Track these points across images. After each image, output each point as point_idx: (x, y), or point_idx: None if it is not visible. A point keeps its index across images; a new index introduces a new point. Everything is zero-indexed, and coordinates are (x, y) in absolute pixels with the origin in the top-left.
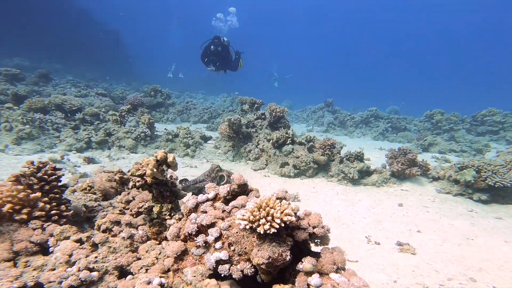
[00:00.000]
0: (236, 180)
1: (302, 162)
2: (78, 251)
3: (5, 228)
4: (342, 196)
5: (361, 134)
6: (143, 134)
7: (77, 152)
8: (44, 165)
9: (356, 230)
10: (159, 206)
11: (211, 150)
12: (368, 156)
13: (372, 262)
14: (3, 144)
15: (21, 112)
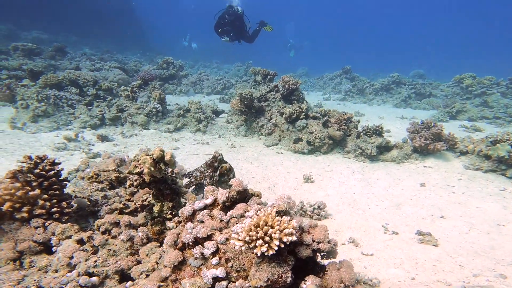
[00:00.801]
0: (235, 187)
1: (317, 138)
2: (78, 254)
3: (7, 227)
4: (358, 175)
5: (382, 101)
6: (155, 110)
7: (92, 129)
8: (41, 160)
9: (373, 217)
10: (160, 204)
11: (223, 125)
12: (389, 126)
13: (388, 256)
14: (21, 121)
15: (36, 90)
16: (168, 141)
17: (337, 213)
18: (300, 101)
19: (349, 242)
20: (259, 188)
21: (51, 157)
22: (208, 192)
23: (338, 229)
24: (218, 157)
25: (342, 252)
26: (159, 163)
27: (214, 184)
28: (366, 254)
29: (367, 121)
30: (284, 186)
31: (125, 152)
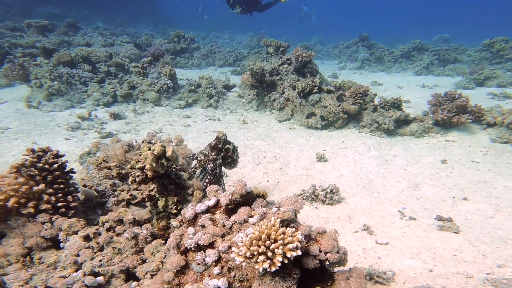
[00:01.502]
0: (238, 190)
1: (331, 113)
2: (84, 252)
3: (14, 223)
4: (374, 152)
5: (401, 69)
6: (166, 86)
7: (104, 107)
8: (45, 153)
9: (389, 200)
10: (164, 199)
11: (235, 99)
12: (408, 96)
13: (404, 245)
14: (37, 100)
15: (48, 69)
16: (179, 118)
17: (350, 196)
18: (313, 74)
19: (363, 230)
20: (270, 168)
21: (54, 149)
22: (211, 192)
23: (351, 215)
24: (221, 137)
25: (355, 241)
26: (161, 158)
27: (217, 168)
28: (381, 243)
29: (384, 91)
30: (296, 166)
31: (136, 131)
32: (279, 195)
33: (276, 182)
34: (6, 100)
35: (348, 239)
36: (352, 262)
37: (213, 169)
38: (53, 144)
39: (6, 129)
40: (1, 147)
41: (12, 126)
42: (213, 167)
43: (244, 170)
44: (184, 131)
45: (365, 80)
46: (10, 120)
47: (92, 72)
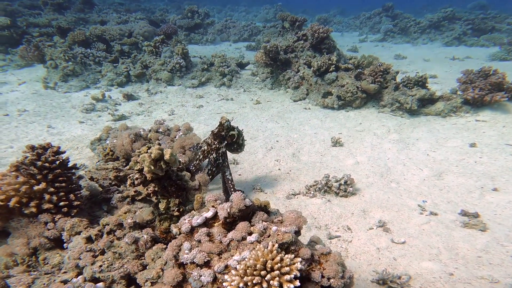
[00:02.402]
0: (235, 205)
1: (348, 92)
2: (85, 255)
3: (17, 223)
4: (394, 134)
5: (428, 40)
6: (178, 65)
7: (119, 87)
8: (44, 150)
9: (408, 191)
10: (165, 201)
11: (249, 77)
12: (435, 70)
13: (423, 244)
14: (53, 81)
15: (62, 49)
16: (192, 98)
17: (366, 187)
18: (330, 50)
19: (378, 227)
20: (283, 155)
21: (55, 145)
22: (210, 202)
23: (366, 209)
24: (225, 124)
25: (369, 240)
26: (160, 161)
27: (220, 158)
28: (397, 242)
29: (408, 65)
30: (310, 151)
31: (149, 112)
32: (290, 186)
33: (288, 170)
34: (25, 80)
35: (361, 237)
36: (364, 263)
37: (216, 159)
38: (68, 128)
39: (23, 112)
40: (18, 131)
41: (29, 109)
42: (216, 157)
43: (256, 157)
44: (196, 112)
45: (387, 53)
46: (28, 102)
47: (106, 51)
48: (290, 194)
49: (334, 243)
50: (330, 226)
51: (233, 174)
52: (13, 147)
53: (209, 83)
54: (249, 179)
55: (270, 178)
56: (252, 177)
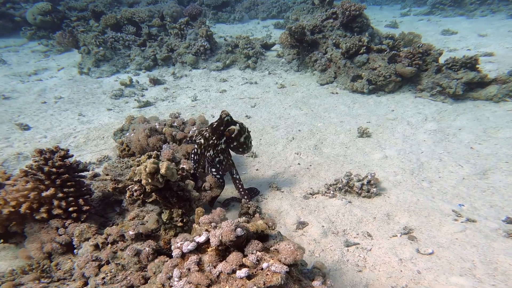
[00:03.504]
0: (225, 236)
1: (380, 76)
2: (90, 265)
3: (30, 229)
4: (432, 123)
5: (489, 11)
6: (203, 48)
7: (146, 71)
8: (52, 154)
9: (443, 193)
10: (168, 212)
11: (274, 59)
12: (492, 47)
13: (455, 256)
14: (87, 67)
15: (94, 35)
16: (215, 82)
17: (393, 187)
18: (363, 29)
19: (403, 234)
20: (304, 146)
21: (63, 149)
22: (204, 224)
23: (391, 213)
24: (224, 118)
25: (391, 249)
26: (156, 174)
27: (219, 155)
28: (423, 252)
29: (458, 41)
30: (334, 143)
31: (174, 98)
32: (309, 183)
33: (308, 164)
34: (63, 66)
35: (382, 245)
36: (383, 276)
37: (214, 156)
38: (97, 116)
39: (59, 99)
40: (53, 120)
41: (64, 96)
42: (213, 154)
43: (275, 148)
44: (219, 97)
45: (433, 28)
46: (64, 88)
47: (135, 34)
48: (308, 193)
49: (351, 252)
50: (349, 231)
51: (251, 169)
52: (46, 137)
53: (234, 65)
54: (267, 175)
55: (288, 173)
56: (270, 173)
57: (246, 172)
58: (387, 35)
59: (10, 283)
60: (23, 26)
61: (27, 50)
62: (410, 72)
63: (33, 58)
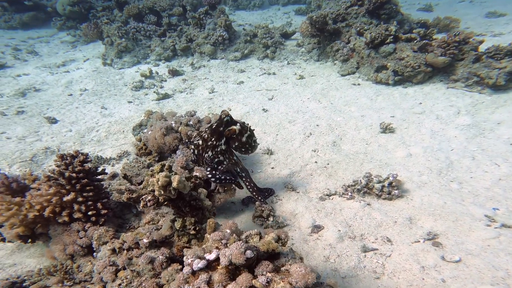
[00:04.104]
0: (234, 259)
1: (408, 67)
2: (108, 270)
3: (54, 231)
4: (465, 117)
5: None
6: (221, 38)
7: (166, 61)
8: (73, 158)
9: (474, 195)
10: (181, 220)
11: (293, 49)
12: None
13: (485, 264)
14: (110, 58)
15: (117, 26)
16: (233, 73)
17: (417, 188)
18: (392, 16)
19: (427, 239)
20: (322, 143)
21: (83, 153)
22: (214, 242)
23: (413, 216)
24: (224, 118)
25: (413, 255)
26: (169, 186)
27: (219, 156)
28: (449, 260)
29: (505, 25)
30: (354, 139)
31: (191, 89)
32: (326, 183)
33: (325, 163)
34: (89, 57)
35: (403, 251)
36: (403, 284)
37: (212, 158)
38: (118, 108)
39: (84, 91)
40: (78, 113)
41: (89, 88)
42: (212, 156)
43: (292, 145)
44: (236, 89)
45: (476, 10)
46: (88, 80)
47: (156, 24)
48: (325, 195)
49: (368, 257)
50: (367, 236)
51: (266, 167)
52: (72, 130)
53: (252, 55)
54: (282, 174)
55: (305, 172)
56: (285, 172)
57: (261, 171)
58: (418, 21)
59: (37, 285)
60: (54, 16)
61: (57, 41)
62: (443, 63)
63: (62, 49)
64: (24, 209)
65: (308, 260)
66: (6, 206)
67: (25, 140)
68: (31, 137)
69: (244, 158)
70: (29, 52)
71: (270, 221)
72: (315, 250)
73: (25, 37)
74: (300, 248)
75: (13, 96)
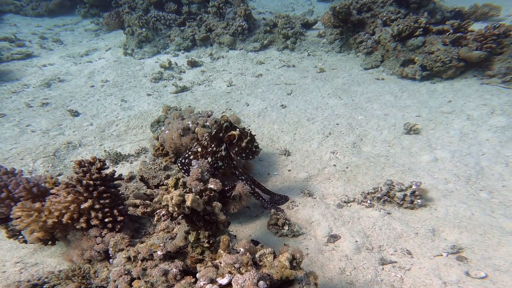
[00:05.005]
0: None
1: (438, 61)
2: (122, 279)
3: (72, 236)
4: (500, 117)
5: None
6: (240, 28)
7: (185, 51)
8: (90, 166)
9: (505, 205)
10: (195, 233)
11: (315, 39)
12: None
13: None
14: (131, 48)
15: (137, 15)
16: (252, 65)
17: (442, 198)
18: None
19: (451, 253)
20: (341, 144)
21: (100, 160)
22: (227, 266)
23: (437, 228)
24: (223, 124)
25: (434, 270)
26: (183, 203)
27: (218, 162)
28: (474, 276)
29: None
30: (375, 140)
31: (210, 81)
32: (344, 189)
33: (344, 166)
34: (111, 46)
35: (424, 265)
36: None
37: (212, 164)
38: (137, 101)
39: (105, 82)
40: (99, 105)
41: (110, 79)
42: (211, 162)
43: (310, 146)
44: (255, 82)
45: None
46: (110, 71)
47: (176, 12)
48: (343, 201)
49: (386, 271)
50: (385, 247)
51: (283, 169)
52: (93, 124)
53: (272, 46)
54: (299, 178)
55: (322, 176)
56: (302, 175)
57: (278, 173)
58: (452, 9)
59: None
60: (78, 4)
61: (81, 29)
62: (478, 57)
63: (86, 37)
64: (44, 216)
65: (323, 272)
66: (27, 213)
67: (48, 134)
68: (54, 130)
69: (261, 159)
70: (55, 41)
71: (285, 230)
72: (331, 262)
73: (51, 25)
74: (315, 259)
75: (39, 87)
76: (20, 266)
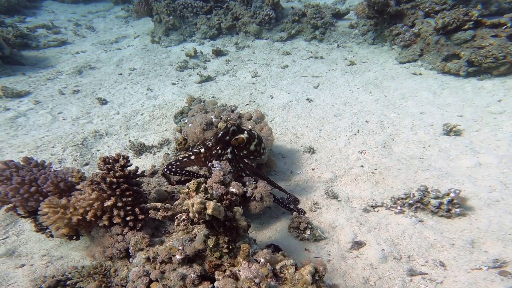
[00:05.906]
0: None
1: (488, 57)
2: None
3: (96, 233)
4: None
5: None
6: (267, 17)
7: (211, 40)
8: (115, 162)
9: None
10: (215, 238)
11: (345, 30)
12: None
13: None
14: (158, 35)
15: (166, 3)
16: (278, 55)
17: (485, 207)
18: None
19: (492, 267)
20: (370, 143)
21: (124, 156)
22: (247, 279)
23: (476, 240)
24: (230, 128)
25: (471, 285)
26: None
27: None
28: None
29: None
30: (409, 140)
31: (234, 71)
32: (371, 192)
33: (373, 168)
34: (139, 34)
35: (459, 278)
36: None
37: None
38: (162, 90)
39: (133, 70)
40: (125, 94)
41: (137, 67)
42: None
43: (336, 143)
44: (280, 74)
45: None
46: (137, 58)
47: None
48: (370, 206)
49: (415, 282)
50: (415, 258)
51: (306, 168)
52: (119, 113)
53: (299, 36)
54: (323, 178)
55: (348, 177)
56: (327, 175)
57: (301, 172)
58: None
59: None
60: None
61: (112, 15)
62: None
63: (116, 24)
64: (69, 213)
65: (345, 280)
66: (53, 210)
67: (78, 122)
68: (83, 118)
69: (284, 156)
70: (88, 28)
71: (307, 234)
72: (354, 270)
73: (86, 11)
74: (337, 266)
75: (71, 74)
76: (46, 259)
